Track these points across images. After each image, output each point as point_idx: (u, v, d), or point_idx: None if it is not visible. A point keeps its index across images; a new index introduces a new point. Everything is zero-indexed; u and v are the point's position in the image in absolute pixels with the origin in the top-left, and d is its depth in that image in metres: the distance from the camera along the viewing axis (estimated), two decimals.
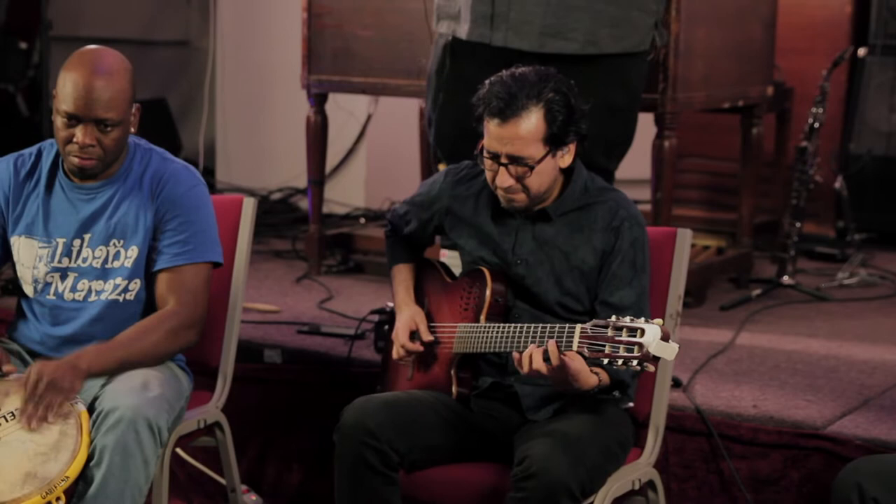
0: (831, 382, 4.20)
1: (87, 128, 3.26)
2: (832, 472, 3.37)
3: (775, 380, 4.21)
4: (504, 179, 3.23)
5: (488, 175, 3.28)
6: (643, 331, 2.90)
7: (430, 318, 3.45)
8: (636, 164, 5.41)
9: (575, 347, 3.00)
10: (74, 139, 3.28)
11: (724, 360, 4.43)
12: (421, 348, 3.40)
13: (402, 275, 3.57)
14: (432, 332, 3.41)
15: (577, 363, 3.03)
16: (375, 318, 4.41)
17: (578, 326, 3.01)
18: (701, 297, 5.16)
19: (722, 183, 6.45)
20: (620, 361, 2.92)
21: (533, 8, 3.96)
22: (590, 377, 3.07)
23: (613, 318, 2.96)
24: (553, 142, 3.21)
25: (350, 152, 6.71)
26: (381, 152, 6.20)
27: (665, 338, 2.88)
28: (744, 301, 5.21)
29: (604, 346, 2.95)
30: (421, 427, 3.25)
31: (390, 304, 3.68)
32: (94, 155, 3.30)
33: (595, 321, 3.00)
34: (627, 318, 2.94)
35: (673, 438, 3.87)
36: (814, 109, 5.50)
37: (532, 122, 3.19)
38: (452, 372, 3.35)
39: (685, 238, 3.43)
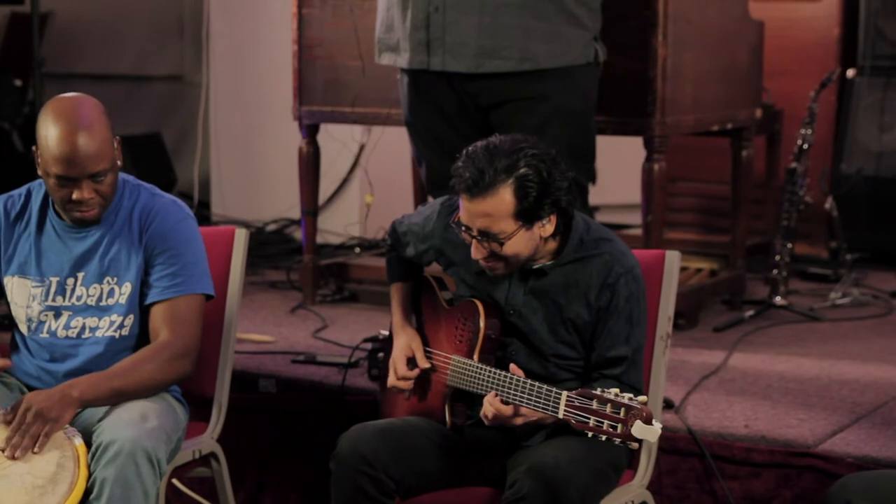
0: (823, 401, 4.21)
1: (84, 184, 3.27)
2: (824, 490, 3.36)
3: (767, 399, 4.22)
4: (478, 252, 3.19)
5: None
6: (627, 409, 2.91)
7: (425, 341, 3.45)
8: (627, 188, 5.46)
9: (561, 415, 3.01)
10: (73, 197, 3.28)
11: (716, 380, 4.44)
12: (414, 377, 3.40)
13: (400, 295, 3.54)
14: (428, 358, 3.41)
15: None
16: (369, 345, 4.42)
17: (564, 394, 3.00)
18: (694, 319, 5.18)
19: (714, 206, 6.48)
20: (604, 438, 2.94)
21: (466, 30, 4.06)
22: None
23: (599, 390, 2.96)
24: (525, 217, 3.14)
25: (344, 182, 6.75)
26: (374, 181, 6.23)
27: (648, 420, 2.89)
28: (737, 322, 5.22)
29: (588, 418, 2.96)
30: (416, 454, 3.25)
31: (383, 332, 3.68)
32: (96, 205, 3.32)
33: (582, 390, 2.99)
34: (613, 392, 2.93)
35: (666, 460, 3.89)
36: (802, 131, 5.54)
37: (502, 199, 3.11)
38: (447, 404, 3.35)
39: (674, 260, 3.44)
